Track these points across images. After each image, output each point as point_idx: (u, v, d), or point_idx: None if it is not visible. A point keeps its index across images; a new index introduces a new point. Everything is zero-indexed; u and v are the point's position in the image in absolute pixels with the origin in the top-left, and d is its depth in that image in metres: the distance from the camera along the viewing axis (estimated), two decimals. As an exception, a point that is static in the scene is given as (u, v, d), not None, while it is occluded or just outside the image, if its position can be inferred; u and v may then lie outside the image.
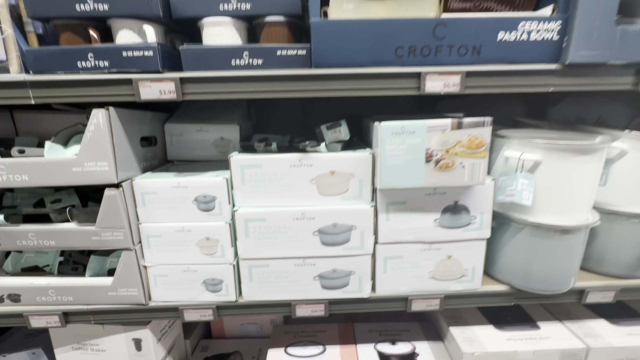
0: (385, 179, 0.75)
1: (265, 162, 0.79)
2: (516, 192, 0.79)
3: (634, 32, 0.69)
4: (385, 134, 0.72)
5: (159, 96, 0.71)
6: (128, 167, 0.81)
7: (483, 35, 0.71)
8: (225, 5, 0.71)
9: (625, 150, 0.84)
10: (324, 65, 0.72)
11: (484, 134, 0.72)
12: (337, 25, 0.69)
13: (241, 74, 0.71)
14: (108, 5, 0.69)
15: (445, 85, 0.72)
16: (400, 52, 0.72)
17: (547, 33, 0.71)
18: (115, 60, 0.70)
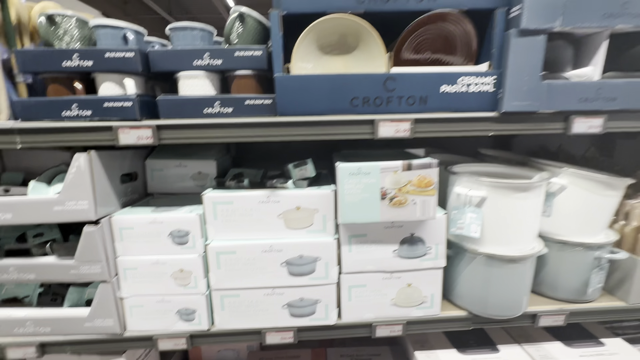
0: (345, 215, 0.83)
1: (236, 199, 0.86)
2: (465, 226, 0.87)
3: (558, 86, 0.79)
4: (344, 174, 0.80)
5: (137, 141, 0.78)
6: (108, 204, 0.87)
7: (428, 87, 0.80)
8: (199, 61, 0.80)
9: (565, 185, 0.93)
10: (287, 114, 0.80)
11: (431, 174, 0.81)
12: (298, 79, 0.78)
13: (212, 121, 0.78)
14: (92, 62, 0.77)
15: (397, 131, 0.81)
16: (355, 102, 0.80)
17: (484, 86, 0.81)
18: (98, 109, 0.77)
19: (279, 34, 0.76)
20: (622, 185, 0.92)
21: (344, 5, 0.77)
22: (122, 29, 0.79)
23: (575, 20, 0.75)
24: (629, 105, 0.82)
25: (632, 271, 0.97)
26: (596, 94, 0.80)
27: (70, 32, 0.80)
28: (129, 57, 0.76)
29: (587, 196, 0.92)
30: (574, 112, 0.82)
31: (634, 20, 0.76)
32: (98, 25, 0.78)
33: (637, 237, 0.97)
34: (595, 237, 0.95)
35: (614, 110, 0.82)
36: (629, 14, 0.75)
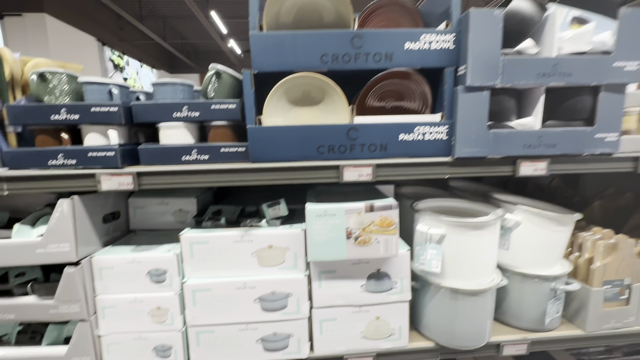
0: (313, 253, 0.88)
1: (212, 239, 0.91)
2: (426, 261, 0.93)
3: (503, 134, 0.88)
4: (312, 216, 0.86)
5: (118, 187, 0.84)
6: (89, 244, 0.91)
7: (387, 136, 0.89)
8: (178, 113, 0.87)
9: (519, 221, 1.01)
10: (259, 161, 0.87)
11: (392, 215, 0.88)
12: (268, 130, 0.86)
13: (189, 168, 0.85)
14: (79, 116, 0.83)
15: (360, 175, 0.88)
16: (321, 150, 0.88)
17: (438, 134, 0.90)
18: (82, 158, 0.83)
19: (251, 90, 0.84)
20: (570, 222, 1.00)
21: (309, 65, 0.86)
22: (107, 84, 0.86)
23: (513, 79, 0.85)
24: (568, 151, 0.91)
25: (586, 301, 1.03)
26: (538, 141, 0.90)
27: (60, 86, 0.87)
28: (113, 111, 0.83)
29: (539, 231, 0.99)
30: (520, 157, 0.91)
31: (564, 78, 0.86)
32: (86, 82, 0.85)
33: (589, 268, 1.04)
34: (550, 269, 1.02)
35: (555, 155, 0.91)
36: (560, 73, 0.86)
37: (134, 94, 0.99)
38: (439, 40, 0.86)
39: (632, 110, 0.96)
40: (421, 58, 0.87)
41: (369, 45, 0.85)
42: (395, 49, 0.86)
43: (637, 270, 1.03)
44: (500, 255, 1.04)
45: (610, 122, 0.91)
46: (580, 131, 0.90)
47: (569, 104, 0.92)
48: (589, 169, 0.95)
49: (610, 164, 0.95)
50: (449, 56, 0.88)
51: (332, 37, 0.84)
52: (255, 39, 0.84)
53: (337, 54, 0.85)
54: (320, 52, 0.85)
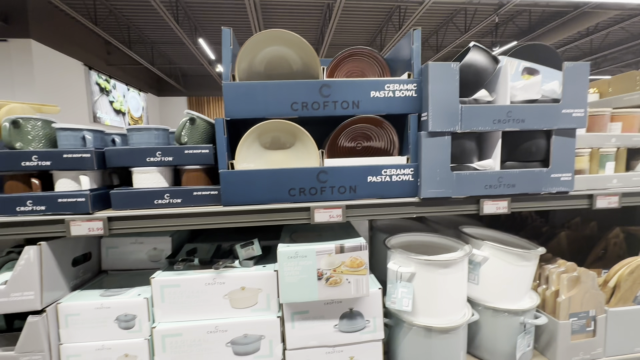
0: (285, 295, 0.89)
1: (183, 282, 0.91)
2: (397, 300, 0.95)
3: (465, 176, 0.93)
4: (283, 258, 0.88)
5: (88, 232, 0.83)
6: (56, 289, 0.89)
7: (356, 178, 0.92)
8: (151, 158, 0.89)
9: (487, 256, 1.04)
10: (231, 204, 0.89)
11: (362, 256, 0.90)
12: (241, 174, 0.88)
13: (161, 212, 0.86)
14: (50, 162, 0.84)
15: (331, 216, 0.91)
16: (292, 192, 0.91)
17: (405, 176, 0.94)
18: (52, 205, 0.83)
19: (224, 137, 0.87)
20: (534, 257, 1.04)
21: (280, 112, 0.90)
22: (81, 130, 0.88)
23: (471, 125, 0.91)
24: (527, 190, 0.96)
25: (555, 333, 1.06)
26: (498, 182, 0.95)
27: (34, 132, 0.88)
28: (85, 157, 0.85)
29: (506, 266, 1.03)
30: (483, 197, 0.95)
31: (518, 124, 0.93)
32: (59, 128, 0.87)
33: (556, 301, 1.07)
34: (518, 303, 1.05)
35: (515, 194, 0.96)
36: (514, 120, 0.92)
37: (110, 137, 1.00)
38: (402, 89, 0.92)
39: (583, 152, 1.03)
40: (386, 105, 0.93)
41: (336, 94, 0.90)
42: (362, 97, 0.92)
43: (600, 301, 1.07)
44: (471, 289, 1.07)
45: (564, 163, 0.97)
46: (537, 172, 0.96)
47: (525, 147, 0.98)
48: (548, 206, 1.00)
49: (567, 201, 1.01)
50: (412, 103, 0.93)
51: (302, 86, 0.89)
52: (228, 88, 0.88)
53: (306, 102, 0.90)
54: (290, 101, 0.89)
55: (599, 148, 1.05)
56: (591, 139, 1.04)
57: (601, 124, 1.08)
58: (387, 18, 6.95)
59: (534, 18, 7.18)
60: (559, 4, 6.44)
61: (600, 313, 1.07)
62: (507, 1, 5.94)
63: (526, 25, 7.44)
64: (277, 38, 0.89)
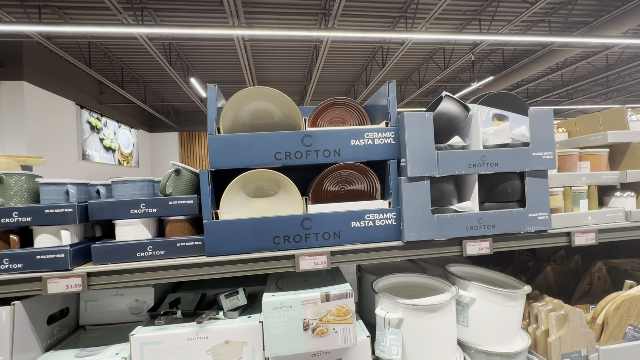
0: (271, 349, 0.86)
1: (164, 338, 0.87)
2: (386, 348, 0.92)
3: (446, 218, 0.96)
4: (268, 309, 0.86)
5: (66, 290, 0.81)
6: (28, 351, 0.85)
7: (339, 224, 0.94)
8: (135, 210, 0.89)
9: (474, 297, 1.04)
10: (215, 254, 0.89)
11: (348, 303, 0.89)
12: (224, 224, 0.89)
13: (143, 265, 0.85)
14: (31, 218, 0.83)
15: (316, 263, 0.91)
16: (277, 240, 0.91)
17: (387, 220, 0.96)
18: (29, 262, 0.81)
19: (208, 188, 0.89)
20: (520, 296, 1.04)
21: (264, 162, 0.93)
22: (65, 184, 0.88)
23: (448, 170, 0.95)
24: (506, 230, 0.99)
25: (549, 376, 1.03)
26: (478, 223, 0.97)
27: (17, 187, 0.88)
28: (68, 211, 0.84)
29: (493, 307, 1.03)
30: (465, 238, 0.97)
31: (492, 167, 0.97)
32: (43, 183, 0.87)
33: (547, 341, 1.06)
34: (510, 345, 1.03)
35: (495, 234, 0.99)
36: (487, 163, 0.97)
37: (94, 188, 1.01)
38: (380, 137, 0.97)
39: (556, 191, 1.07)
40: (366, 152, 0.97)
41: (318, 143, 0.94)
42: (343, 146, 0.96)
43: (591, 340, 1.06)
44: (461, 331, 1.06)
45: (539, 203, 1.01)
46: (515, 212, 0.99)
47: (501, 188, 1.02)
48: (529, 245, 1.03)
49: (547, 239, 1.03)
50: (391, 150, 0.98)
51: (284, 137, 0.93)
52: (212, 140, 0.91)
53: (289, 151, 0.93)
54: (273, 151, 0.92)
55: (571, 187, 1.10)
56: (563, 178, 1.10)
57: (571, 163, 1.14)
58: (371, 57, 7.37)
59: (507, 55, 7.71)
60: (527, 43, 6.97)
61: (591, 352, 1.06)
62: (480, 41, 6.40)
63: (500, 61, 7.97)
64: (260, 94, 0.94)
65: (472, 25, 6.02)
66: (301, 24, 5.71)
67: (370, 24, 5.86)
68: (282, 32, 4.47)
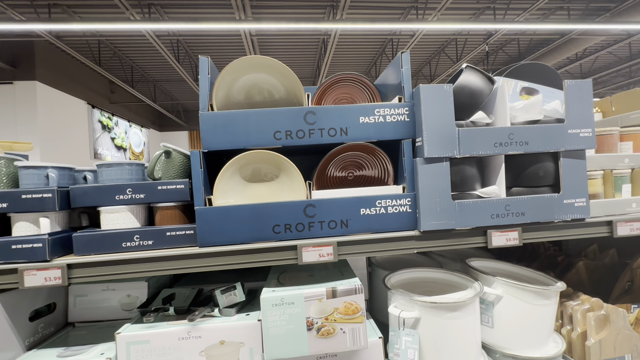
0: (270, 350, 0.76)
1: (153, 337, 0.79)
2: (401, 351, 0.82)
3: (469, 205, 0.84)
4: (266, 305, 0.76)
5: (44, 283, 0.73)
6: (5, 350, 0.77)
7: (347, 211, 0.83)
8: (121, 196, 0.81)
9: (500, 295, 0.92)
10: (208, 245, 0.79)
11: (357, 300, 0.78)
12: (218, 211, 0.80)
13: (129, 256, 0.76)
14: (7, 204, 0.76)
15: (320, 255, 0.81)
16: (277, 229, 0.81)
17: (401, 207, 0.85)
18: (4, 252, 0.74)
19: (200, 170, 0.80)
20: (554, 294, 0.92)
21: (263, 142, 0.83)
22: (45, 168, 0.81)
23: (471, 150, 0.83)
24: (538, 218, 0.87)
25: (587, 385, 0.91)
26: (505, 210, 0.86)
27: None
28: (46, 197, 0.77)
29: (523, 306, 0.91)
30: (490, 227, 0.86)
31: (521, 147, 0.85)
32: (21, 166, 0.80)
33: (585, 345, 0.94)
34: (542, 349, 0.91)
35: (525, 223, 0.87)
36: (516, 142, 0.85)
37: (81, 174, 0.93)
38: (393, 114, 0.86)
39: (595, 174, 0.94)
40: (377, 131, 0.86)
41: (322, 121, 0.84)
42: (350, 124, 0.85)
43: (636, 344, 0.93)
44: (485, 333, 0.94)
45: (576, 187, 0.88)
46: (547, 198, 0.87)
47: (532, 171, 0.90)
48: (564, 235, 0.90)
49: (585, 229, 0.91)
50: (405, 128, 0.87)
51: (285, 114, 0.83)
52: (205, 118, 0.81)
53: (290, 130, 0.83)
54: (273, 129, 0.83)
55: (612, 170, 0.97)
56: (602, 160, 0.96)
57: (611, 143, 1.00)
58: (381, 50, 7.20)
59: (522, 46, 7.42)
60: (544, 32, 6.68)
61: (637, 358, 0.93)
62: (494, 31, 6.16)
63: (516, 53, 7.68)
64: (258, 65, 0.84)
65: (486, 14, 5.79)
66: (309, 16, 5.60)
67: (380, 15, 5.70)
68: (290, 25, 4.38)
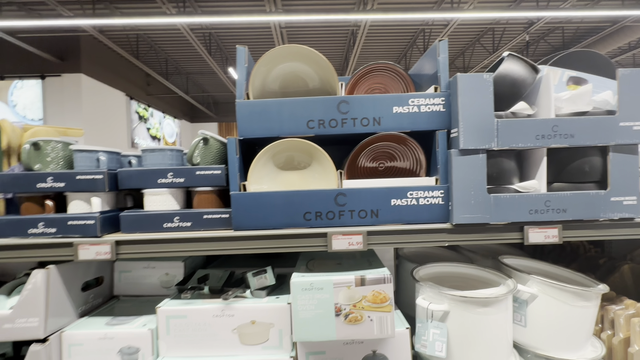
0: (299, 332, 0.79)
1: (190, 313, 0.84)
2: (428, 343, 0.81)
3: (505, 199, 0.81)
4: (296, 289, 0.79)
5: (95, 257, 0.80)
6: (62, 315, 0.86)
7: (378, 201, 0.83)
8: (163, 180, 0.86)
9: (535, 294, 0.89)
10: (243, 229, 0.83)
11: (386, 290, 0.79)
12: (252, 196, 0.82)
13: (169, 236, 0.81)
14: (64, 184, 0.83)
15: (350, 243, 0.82)
16: (308, 217, 0.83)
17: (433, 199, 0.84)
18: (62, 227, 0.81)
19: (236, 157, 0.83)
20: (595, 296, 0.87)
21: (296, 131, 0.84)
22: (97, 152, 0.87)
23: (510, 142, 0.80)
24: (581, 216, 0.82)
25: (628, 394, 0.86)
26: (545, 206, 0.82)
27: (53, 154, 0.89)
28: (97, 178, 0.83)
29: (560, 306, 0.87)
30: (527, 223, 0.83)
31: (566, 140, 0.81)
32: (76, 150, 0.87)
33: (627, 352, 0.88)
34: (579, 352, 0.88)
35: (566, 220, 0.83)
36: (560, 135, 0.80)
37: (127, 159, 1.00)
38: (428, 104, 0.84)
39: (648, 171, 0.87)
40: (410, 121, 0.85)
41: (356, 110, 0.84)
42: (384, 113, 0.84)
43: (687, 355, 0.87)
44: (517, 332, 0.91)
45: (626, 184, 0.82)
46: (593, 195, 0.82)
47: (576, 166, 0.85)
48: (610, 235, 0.85)
49: (634, 229, 0.85)
50: (440, 119, 0.85)
51: (318, 103, 0.84)
52: (241, 107, 0.84)
53: (323, 119, 0.84)
54: (306, 118, 0.84)
55: (668, 167, 0.89)
56: (658, 156, 0.89)
57: (668, 138, 0.92)
58: (412, 41, 6.99)
59: (567, 35, 6.91)
60: (594, 19, 6.17)
61: (687, 370, 0.86)
62: (537, 19, 5.78)
63: (559, 42, 7.17)
64: (293, 54, 0.86)
65: (528, 1, 5.43)
66: (339, 7, 5.53)
67: (413, 5, 5.52)
68: (320, 16, 4.35)
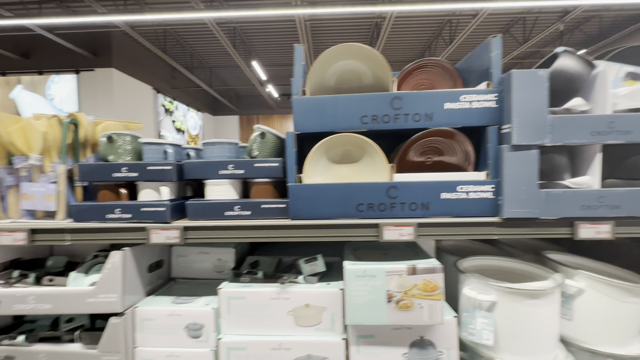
0: (352, 316, 0.84)
1: (249, 295, 0.91)
2: (476, 332, 0.85)
3: (557, 194, 0.83)
4: (350, 276, 0.84)
5: (165, 241, 0.88)
6: (134, 293, 0.95)
7: (429, 195, 0.86)
8: (224, 171, 0.92)
9: (582, 288, 0.90)
10: (299, 218, 0.88)
11: (437, 279, 0.82)
12: (308, 188, 0.87)
13: (231, 223, 0.88)
14: (137, 174, 0.91)
15: (401, 234, 0.85)
16: (360, 208, 0.87)
17: (483, 193, 0.86)
18: (136, 213, 0.89)
19: (293, 151, 0.88)
20: (645, 292, 0.87)
21: (349, 126, 0.88)
22: (163, 145, 0.94)
23: (564, 138, 0.81)
24: (635, 213, 0.82)
25: (677, 390, 0.86)
26: (598, 202, 0.82)
27: (124, 146, 0.97)
28: (167, 169, 0.90)
29: (608, 302, 0.88)
30: (578, 219, 0.83)
31: (622, 136, 0.80)
32: (145, 142, 0.94)
33: (677, 349, 0.88)
34: (627, 347, 0.88)
35: (620, 217, 0.83)
36: (617, 131, 0.80)
37: (185, 151, 1.07)
38: (480, 100, 0.86)
39: None
40: (462, 117, 0.87)
41: (408, 106, 0.87)
42: (435, 109, 0.87)
43: None
44: (563, 325, 0.93)
45: (684, 182, 0.82)
46: (648, 191, 0.82)
47: (632, 162, 0.85)
48: (664, 232, 0.84)
49: (690, 227, 0.84)
50: (492, 115, 0.86)
51: (372, 99, 0.87)
52: (298, 103, 0.89)
53: (376, 115, 0.87)
54: (360, 114, 0.88)
55: None
56: None
57: None
58: (437, 32, 6.82)
59: (605, 24, 6.54)
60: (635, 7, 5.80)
61: None
62: (573, 7, 5.50)
63: (595, 31, 6.80)
64: (350, 52, 0.89)
65: (564, -11, 5.17)
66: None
67: (439, -5, 5.37)
68: (346, 8, 4.33)
